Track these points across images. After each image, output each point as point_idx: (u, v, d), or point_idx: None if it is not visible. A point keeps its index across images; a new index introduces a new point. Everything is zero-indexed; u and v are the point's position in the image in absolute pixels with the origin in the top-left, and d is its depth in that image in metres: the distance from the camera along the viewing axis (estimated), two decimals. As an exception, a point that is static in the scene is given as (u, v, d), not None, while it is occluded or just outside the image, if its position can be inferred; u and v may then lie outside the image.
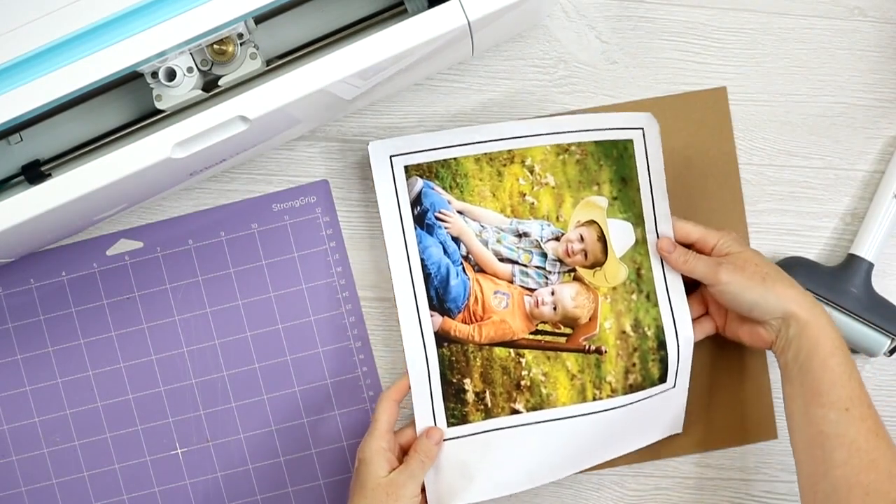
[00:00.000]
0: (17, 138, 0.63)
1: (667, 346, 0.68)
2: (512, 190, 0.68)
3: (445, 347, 0.67)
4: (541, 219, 0.68)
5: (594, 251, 0.68)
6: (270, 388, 0.69)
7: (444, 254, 0.67)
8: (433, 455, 0.64)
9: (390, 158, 0.67)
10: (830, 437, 0.59)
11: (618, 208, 0.68)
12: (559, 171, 0.68)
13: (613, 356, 0.68)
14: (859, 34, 0.72)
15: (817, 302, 0.63)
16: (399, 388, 0.66)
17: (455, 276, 0.67)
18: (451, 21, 0.56)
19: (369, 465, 0.62)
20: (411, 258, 0.67)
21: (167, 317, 0.69)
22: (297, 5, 0.64)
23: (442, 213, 0.67)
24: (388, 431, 0.63)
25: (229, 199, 0.70)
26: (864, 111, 0.72)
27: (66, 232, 0.67)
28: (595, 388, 0.67)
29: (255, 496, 0.70)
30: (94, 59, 0.54)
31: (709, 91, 0.71)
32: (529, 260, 0.68)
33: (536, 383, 0.67)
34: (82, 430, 0.69)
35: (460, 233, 0.67)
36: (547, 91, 0.71)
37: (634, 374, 0.68)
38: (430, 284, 0.67)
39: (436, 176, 0.67)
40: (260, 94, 0.55)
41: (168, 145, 0.55)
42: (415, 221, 0.67)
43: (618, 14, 0.71)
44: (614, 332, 0.68)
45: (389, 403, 0.64)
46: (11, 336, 0.69)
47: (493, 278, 0.68)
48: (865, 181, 0.72)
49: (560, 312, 0.68)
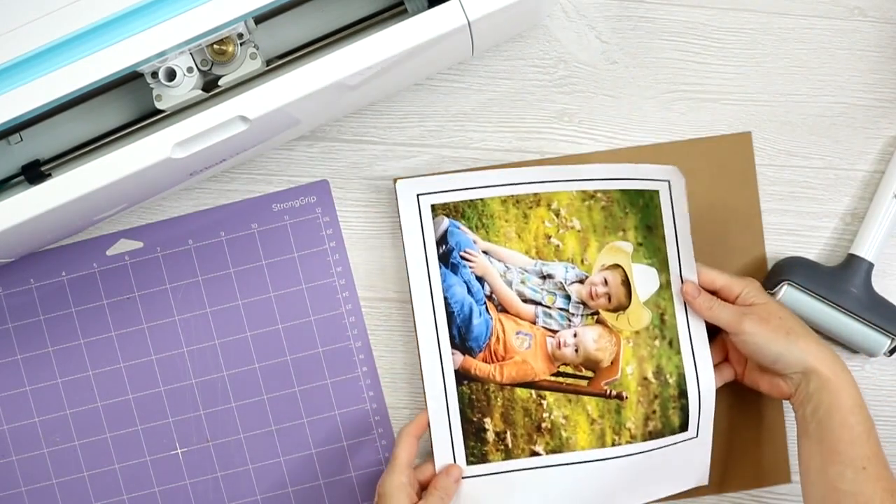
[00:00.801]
0: (17, 138, 0.63)
1: (688, 395, 0.68)
2: (537, 232, 0.68)
3: (466, 385, 0.67)
4: (566, 261, 0.68)
5: (618, 295, 0.68)
6: (270, 388, 0.69)
7: (467, 293, 0.68)
8: (452, 492, 0.64)
9: (417, 197, 0.68)
10: (846, 496, 0.59)
11: (643, 254, 0.69)
12: (585, 215, 0.68)
13: (634, 402, 0.68)
14: (859, 34, 0.72)
15: (839, 358, 0.62)
16: (418, 423, 0.66)
17: (478, 315, 0.68)
18: (451, 21, 0.56)
19: (389, 499, 0.61)
20: (435, 296, 0.67)
21: (167, 317, 0.69)
22: (297, 5, 0.64)
23: (467, 253, 0.68)
24: (407, 467, 0.63)
25: (229, 199, 0.70)
26: (864, 111, 0.72)
27: (66, 232, 0.67)
28: (615, 434, 0.67)
29: (255, 496, 0.70)
30: (94, 59, 0.54)
31: (734, 136, 0.71)
32: (553, 301, 0.68)
33: (557, 426, 0.67)
34: (82, 430, 0.69)
35: (485, 272, 0.68)
36: (547, 91, 0.71)
37: (654, 422, 0.68)
38: (452, 323, 0.67)
39: (462, 215, 0.68)
40: (260, 94, 0.55)
41: (168, 145, 0.55)
42: (440, 260, 0.68)
43: (618, 14, 0.71)
44: (636, 377, 0.68)
45: (409, 439, 0.64)
46: (11, 336, 0.69)
47: (516, 318, 0.68)
48: (865, 181, 0.72)
49: (582, 355, 0.68)
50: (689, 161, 0.70)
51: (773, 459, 0.71)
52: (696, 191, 0.70)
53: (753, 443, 0.71)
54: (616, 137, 0.71)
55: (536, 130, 0.71)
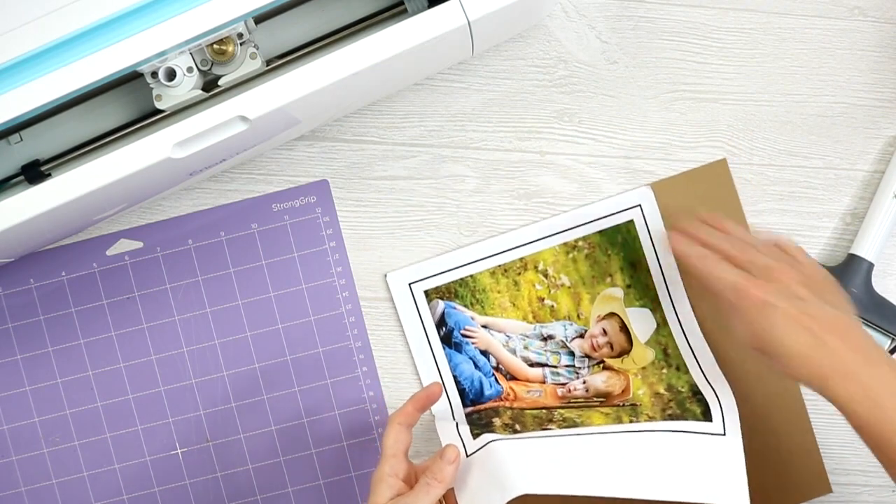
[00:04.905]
0: (17, 138, 0.63)
1: (703, 393, 0.67)
2: (530, 297, 0.69)
3: (475, 415, 0.68)
4: (562, 319, 0.70)
5: (619, 342, 0.70)
6: (270, 388, 0.69)
7: (475, 368, 0.69)
8: (445, 477, 0.57)
9: (409, 286, 0.69)
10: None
11: (633, 296, 0.69)
12: (571, 269, 0.69)
13: (648, 405, 0.68)
14: (859, 34, 0.72)
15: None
16: (404, 411, 0.61)
17: (489, 386, 0.69)
18: (451, 21, 0.56)
19: (371, 492, 0.58)
20: (443, 377, 0.69)
21: (167, 317, 0.69)
22: (297, 5, 0.64)
23: (467, 330, 0.69)
24: (393, 456, 0.59)
25: (229, 199, 0.70)
26: (864, 111, 0.72)
27: (66, 232, 0.67)
28: (631, 417, 0.67)
29: (255, 496, 0.70)
30: (94, 59, 0.54)
31: (708, 166, 0.71)
32: (558, 361, 0.69)
33: (570, 419, 0.67)
34: (82, 430, 0.69)
35: (488, 346, 0.69)
36: (547, 91, 0.71)
37: (672, 411, 0.67)
38: (465, 399, 0.69)
39: (455, 295, 0.69)
40: (260, 94, 0.55)
41: (168, 145, 0.55)
42: (442, 341, 0.69)
43: (618, 14, 0.71)
44: (648, 395, 0.68)
45: (394, 427, 0.60)
46: (11, 336, 0.69)
47: (526, 383, 0.69)
48: (865, 181, 0.72)
49: (592, 392, 0.69)
50: (669, 197, 0.70)
51: (811, 472, 0.70)
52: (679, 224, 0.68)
53: (787, 459, 0.70)
54: (616, 137, 0.71)
55: (536, 130, 0.71)
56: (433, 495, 0.57)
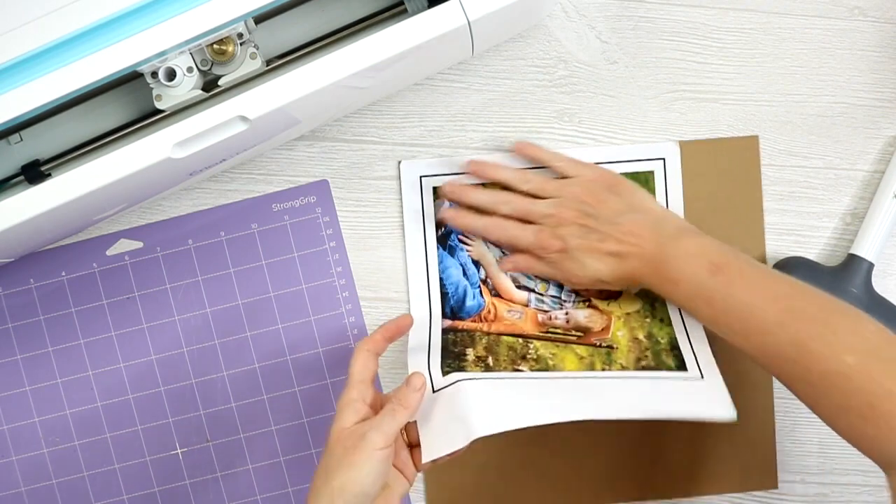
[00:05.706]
0: (17, 138, 0.63)
1: (680, 348, 0.66)
2: None
3: (451, 335, 0.67)
4: None
5: None
6: (270, 388, 0.69)
7: (463, 275, 0.69)
8: (410, 403, 0.57)
9: (420, 179, 0.69)
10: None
11: None
12: None
13: (625, 350, 0.67)
14: (859, 34, 0.72)
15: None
16: (373, 339, 0.61)
17: (472, 297, 0.69)
18: (451, 21, 0.56)
19: (337, 417, 0.57)
20: (430, 276, 0.69)
21: (167, 317, 0.69)
22: (297, 5, 0.64)
23: (465, 236, 0.69)
24: (360, 382, 0.58)
25: (229, 199, 0.70)
26: (864, 111, 0.72)
27: (66, 232, 0.67)
28: (605, 365, 0.66)
29: (255, 496, 0.70)
30: (94, 59, 0.54)
31: (738, 139, 0.71)
32: (546, 289, 0.69)
33: (543, 358, 0.66)
34: (82, 430, 0.69)
35: (481, 257, 0.69)
36: (547, 91, 0.71)
37: (646, 362, 0.66)
38: (446, 302, 0.69)
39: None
40: (260, 94, 0.55)
41: (168, 145, 0.55)
42: (438, 242, 0.69)
43: (618, 14, 0.71)
44: (626, 338, 0.68)
45: (362, 354, 0.60)
46: (11, 336, 0.69)
47: (509, 302, 0.69)
48: (865, 181, 0.72)
49: (573, 324, 0.69)
50: (695, 161, 0.70)
51: (760, 463, 0.71)
52: (700, 190, 0.70)
53: (742, 446, 0.71)
54: (616, 137, 0.71)
55: (536, 130, 0.71)
56: (398, 420, 0.56)
